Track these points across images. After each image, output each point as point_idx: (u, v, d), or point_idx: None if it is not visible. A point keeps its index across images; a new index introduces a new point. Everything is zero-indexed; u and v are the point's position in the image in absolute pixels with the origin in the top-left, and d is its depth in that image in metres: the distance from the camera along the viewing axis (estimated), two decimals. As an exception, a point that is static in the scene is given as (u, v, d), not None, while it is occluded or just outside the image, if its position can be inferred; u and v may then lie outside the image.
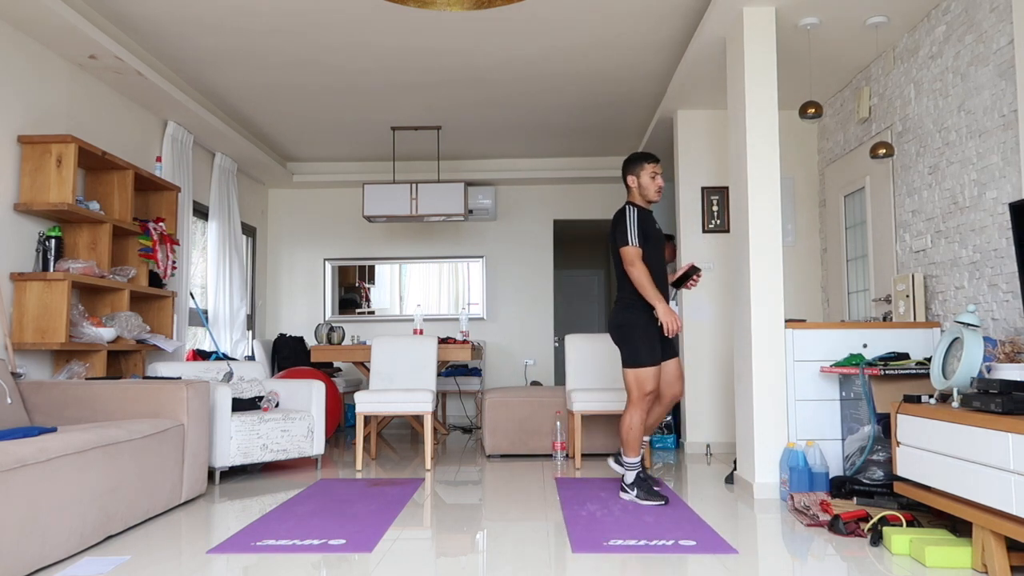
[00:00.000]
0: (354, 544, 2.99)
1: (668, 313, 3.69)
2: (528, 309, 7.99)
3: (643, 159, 3.86)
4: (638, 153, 3.89)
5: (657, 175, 3.83)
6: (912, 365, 3.51)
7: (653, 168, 3.84)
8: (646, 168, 3.84)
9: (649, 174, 3.83)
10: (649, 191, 3.84)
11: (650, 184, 3.84)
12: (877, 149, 4.35)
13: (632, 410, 3.76)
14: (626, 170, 3.90)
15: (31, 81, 4.22)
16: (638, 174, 3.85)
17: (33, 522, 2.58)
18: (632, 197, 3.90)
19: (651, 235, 3.83)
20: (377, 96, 5.79)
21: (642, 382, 3.71)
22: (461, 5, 3.83)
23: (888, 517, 3.06)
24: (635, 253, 3.74)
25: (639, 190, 3.86)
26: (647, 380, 3.71)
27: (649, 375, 3.71)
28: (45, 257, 4.23)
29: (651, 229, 3.84)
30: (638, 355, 3.72)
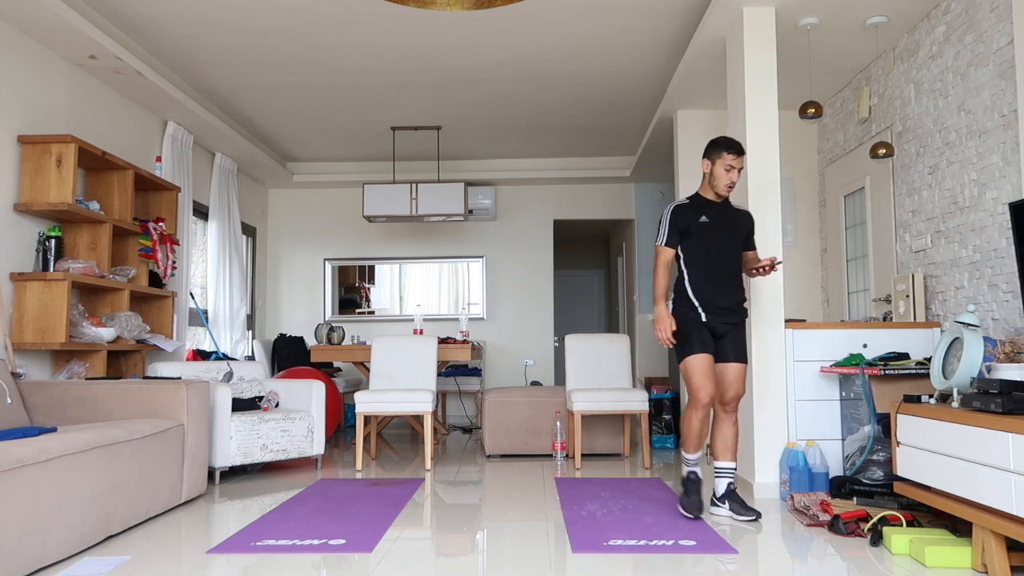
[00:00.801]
0: (354, 544, 2.99)
1: (661, 319, 3.45)
2: (528, 309, 7.98)
3: (723, 146, 3.44)
4: (723, 138, 3.47)
5: (733, 168, 3.43)
6: (912, 365, 3.51)
7: (731, 160, 3.42)
8: (724, 157, 3.43)
9: (725, 164, 3.43)
10: (719, 183, 3.46)
11: (722, 176, 3.45)
12: (877, 149, 4.35)
13: (688, 408, 3.48)
14: (705, 152, 3.52)
15: (31, 81, 4.22)
16: (714, 160, 3.46)
17: (33, 522, 2.58)
18: (702, 184, 3.55)
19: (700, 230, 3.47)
20: (377, 96, 5.79)
21: (687, 374, 3.43)
22: (461, 5, 3.83)
23: (888, 517, 3.06)
24: (659, 251, 3.50)
25: (709, 178, 3.49)
26: (691, 372, 3.41)
27: (694, 366, 3.41)
28: (45, 257, 4.23)
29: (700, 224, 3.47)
30: (682, 346, 3.46)
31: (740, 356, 3.50)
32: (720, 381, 3.48)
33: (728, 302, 3.48)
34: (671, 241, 3.49)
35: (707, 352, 3.42)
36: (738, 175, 3.45)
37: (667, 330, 3.43)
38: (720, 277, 3.49)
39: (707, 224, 3.48)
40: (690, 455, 3.51)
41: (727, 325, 3.49)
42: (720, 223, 3.51)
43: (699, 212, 3.50)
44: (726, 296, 3.48)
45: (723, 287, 3.48)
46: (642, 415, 4.96)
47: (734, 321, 3.50)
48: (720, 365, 3.49)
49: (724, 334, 3.49)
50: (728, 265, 3.51)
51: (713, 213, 3.51)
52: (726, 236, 3.52)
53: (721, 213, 3.53)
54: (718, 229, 3.50)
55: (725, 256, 3.51)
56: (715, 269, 3.48)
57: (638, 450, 5.60)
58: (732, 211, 3.57)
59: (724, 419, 3.52)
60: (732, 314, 3.49)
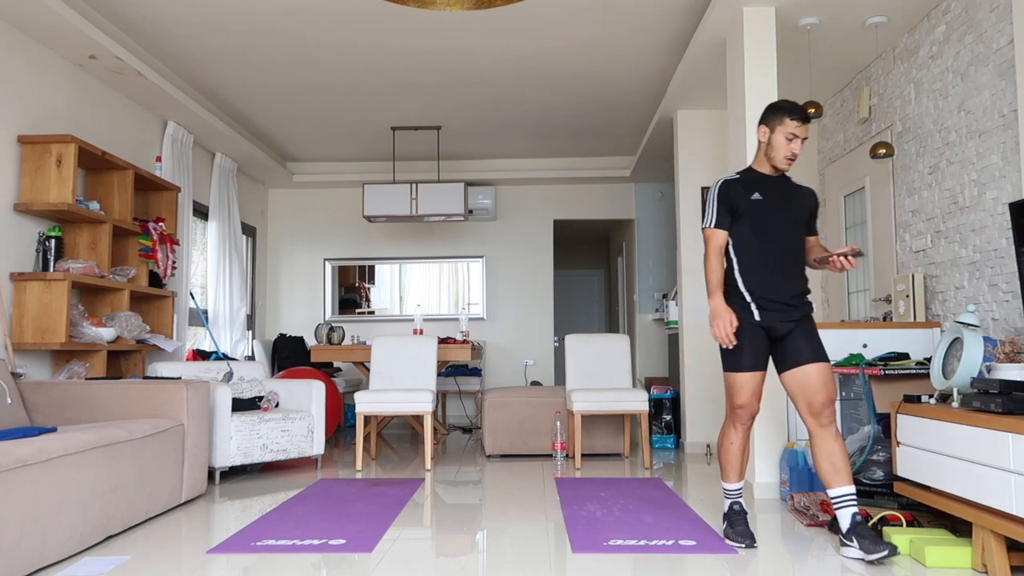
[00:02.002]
0: (354, 544, 2.99)
1: (718, 315, 2.91)
2: (528, 309, 7.98)
3: (787, 111, 2.90)
4: (785, 102, 2.94)
5: (796, 139, 2.89)
6: (912, 365, 3.51)
7: (795, 128, 2.89)
8: (786, 124, 2.89)
9: (787, 133, 2.90)
10: (778, 154, 2.93)
11: (782, 146, 2.91)
12: (877, 149, 4.35)
13: (724, 424, 3.04)
14: (762, 118, 2.99)
15: (31, 81, 4.22)
16: (773, 127, 2.93)
17: (33, 522, 2.58)
18: (756, 155, 3.03)
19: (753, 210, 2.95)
20: (377, 96, 5.79)
21: (729, 390, 2.98)
22: (461, 5, 3.83)
23: (888, 517, 3.06)
24: (708, 235, 2.99)
25: (766, 148, 2.96)
26: (734, 389, 2.95)
27: (737, 383, 2.94)
28: (45, 257, 4.23)
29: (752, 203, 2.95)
30: (728, 356, 2.97)
31: (820, 354, 2.91)
32: (803, 388, 2.89)
33: (786, 295, 2.92)
34: (721, 222, 2.97)
35: (758, 369, 2.93)
36: (801, 147, 2.91)
37: (726, 326, 2.89)
38: (777, 266, 2.94)
39: (760, 203, 2.95)
40: (729, 485, 3.03)
41: (788, 323, 2.92)
42: (777, 202, 2.96)
43: (752, 189, 2.96)
44: (784, 288, 2.92)
45: (781, 278, 2.93)
46: (642, 415, 4.96)
47: (795, 317, 2.93)
48: (797, 370, 2.91)
49: (786, 333, 2.94)
50: (787, 252, 2.96)
51: (769, 190, 2.97)
52: (785, 217, 2.96)
53: (779, 190, 2.98)
54: (775, 209, 2.96)
55: (784, 241, 2.95)
56: (771, 256, 2.94)
57: (638, 450, 5.60)
58: (792, 187, 3.01)
59: (822, 435, 2.88)
60: (792, 309, 2.93)
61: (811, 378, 2.88)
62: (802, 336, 2.92)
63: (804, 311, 2.95)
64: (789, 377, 2.93)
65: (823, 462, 2.86)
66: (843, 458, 2.85)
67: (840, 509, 2.82)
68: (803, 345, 2.91)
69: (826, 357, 2.91)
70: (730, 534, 2.97)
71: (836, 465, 2.85)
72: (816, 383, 2.88)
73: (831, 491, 2.85)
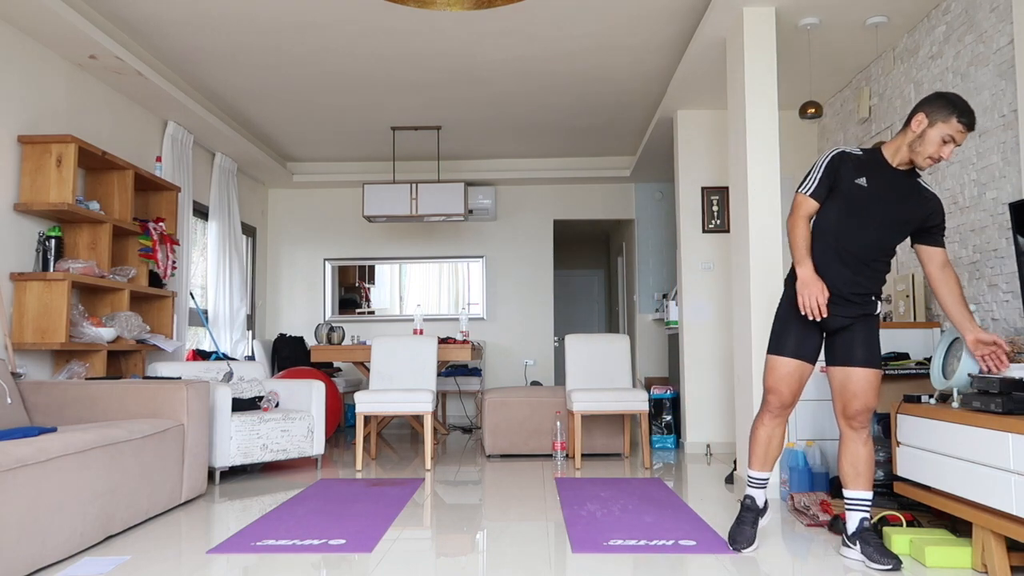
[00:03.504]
0: (354, 544, 2.99)
1: (806, 284, 2.70)
2: (528, 309, 7.98)
3: (957, 110, 2.60)
4: (957, 98, 2.62)
5: (952, 143, 2.61)
6: (912, 365, 3.51)
7: (959, 131, 2.60)
8: (951, 124, 2.60)
9: (946, 133, 2.61)
10: (925, 150, 2.64)
11: (934, 144, 2.63)
12: (877, 149, 4.34)
13: (759, 412, 2.93)
14: (924, 104, 2.66)
15: (31, 81, 4.22)
16: (935, 121, 2.62)
17: (33, 522, 2.58)
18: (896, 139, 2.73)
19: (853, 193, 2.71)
20: (377, 96, 5.79)
21: (765, 370, 2.87)
22: (461, 5, 3.83)
23: (888, 517, 3.06)
24: (799, 201, 2.78)
25: (915, 141, 2.66)
26: (767, 370, 2.85)
27: (771, 365, 2.83)
28: (45, 257, 4.23)
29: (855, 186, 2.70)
30: (772, 336, 2.86)
31: (869, 359, 2.75)
32: (842, 389, 2.78)
33: (850, 289, 2.73)
34: (818, 192, 2.75)
35: (800, 358, 2.79)
36: (950, 154, 2.64)
37: (818, 295, 2.68)
38: (850, 258, 2.73)
39: (863, 190, 2.70)
40: (752, 472, 2.91)
41: (845, 318, 2.75)
42: (883, 195, 2.70)
43: (864, 171, 2.71)
44: (848, 282, 2.73)
45: (850, 272, 2.73)
46: (642, 415, 4.96)
47: (854, 315, 2.75)
48: (841, 369, 2.78)
49: (841, 328, 2.78)
50: (868, 249, 2.72)
51: (882, 180, 2.71)
52: (884, 214, 2.70)
53: (894, 184, 2.71)
54: (876, 201, 2.70)
55: (870, 237, 2.72)
56: (847, 247, 2.73)
57: (638, 450, 5.60)
58: (913, 188, 2.72)
59: (851, 437, 2.80)
60: (852, 305, 2.74)
61: (852, 382, 2.76)
62: (859, 336, 2.76)
63: (865, 310, 2.76)
64: (833, 373, 2.82)
65: (846, 463, 2.81)
66: (867, 464, 2.78)
67: (851, 511, 2.79)
68: (856, 346, 2.76)
69: (877, 364, 2.76)
70: (731, 530, 2.92)
71: (858, 469, 2.78)
72: (856, 388, 2.75)
73: (847, 491, 2.81)
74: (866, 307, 2.77)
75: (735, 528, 2.90)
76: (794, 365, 2.79)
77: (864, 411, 2.77)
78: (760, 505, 2.90)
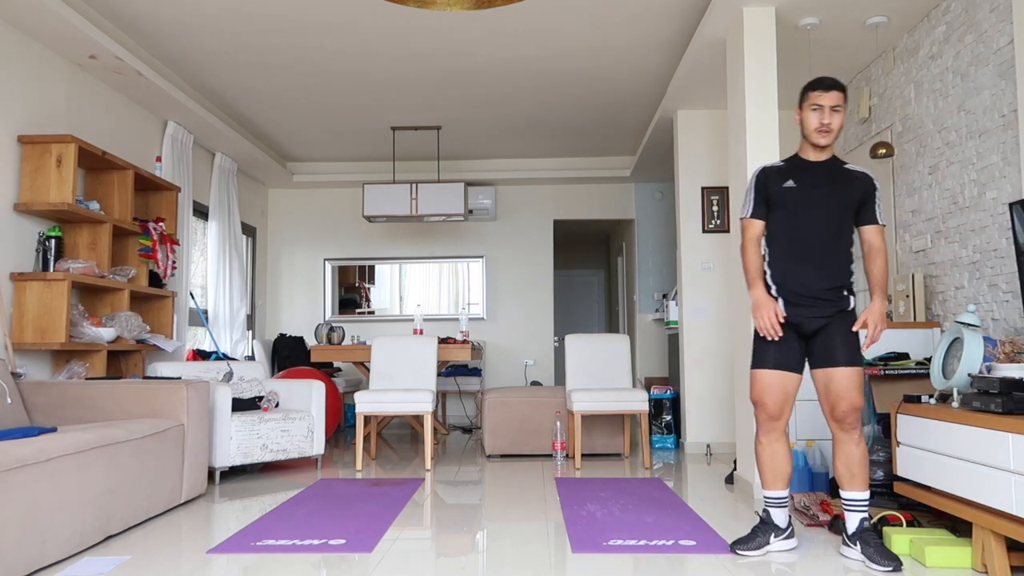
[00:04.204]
0: (354, 544, 2.99)
1: (759, 306, 2.80)
2: (528, 309, 7.98)
3: (808, 87, 2.83)
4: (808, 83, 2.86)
5: (822, 108, 2.77)
6: (912, 365, 3.51)
7: (815, 98, 2.78)
8: (808, 97, 2.81)
9: (811, 105, 2.79)
10: (808, 129, 2.82)
11: (810, 119, 2.80)
12: (877, 149, 4.35)
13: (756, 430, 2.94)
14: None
15: (31, 81, 4.22)
16: (801, 107, 2.84)
17: (33, 522, 2.58)
18: (802, 144, 2.91)
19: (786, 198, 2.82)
20: (377, 96, 5.79)
21: (750, 385, 2.94)
22: (461, 5, 3.83)
23: (888, 517, 3.06)
24: (744, 225, 2.91)
25: (802, 131, 2.87)
26: (752, 385, 2.88)
27: (754, 379, 2.85)
28: (45, 257, 4.23)
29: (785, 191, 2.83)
30: (754, 351, 2.89)
31: (848, 357, 2.75)
32: (827, 391, 2.78)
33: (813, 288, 2.76)
34: (757, 212, 2.88)
35: (784, 368, 2.81)
36: (831, 115, 2.77)
37: (770, 316, 2.77)
38: (808, 257, 2.78)
39: (793, 191, 2.82)
40: (766, 493, 2.89)
41: (819, 319, 2.77)
42: (814, 188, 2.81)
43: (788, 176, 2.86)
44: (815, 281, 2.76)
45: (811, 270, 2.77)
46: (642, 415, 4.96)
47: (827, 313, 2.77)
48: (823, 371, 2.79)
49: (816, 331, 2.80)
50: (822, 242, 2.78)
51: (807, 176, 2.83)
52: (821, 205, 2.79)
53: (820, 176, 2.83)
54: (809, 196, 2.81)
55: (818, 230, 2.78)
56: (799, 246, 2.80)
57: (638, 450, 5.60)
58: (840, 173, 2.83)
59: (843, 439, 2.79)
60: (826, 303, 2.76)
61: (835, 383, 2.75)
62: (837, 336, 2.76)
63: (838, 307, 2.77)
64: (816, 376, 2.82)
65: (840, 465, 2.80)
66: (861, 464, 2.77)
67: (850, 512, 2.78)
68: (835, 346, 2.76)
69: (858, 362, 2.75)
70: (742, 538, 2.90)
71: (852, 470, 2.77)
72: (839, 389, 2.75)
73: (844, 493, 2.80)
74: (839, 303, 2.78)
75: (746, 537, 2.87)
76: (776, 376, 2.82)
77: (851, 411, 2.75)
78: (778, 523, 2.85)
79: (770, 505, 2.88)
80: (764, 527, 2.87)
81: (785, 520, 2.88)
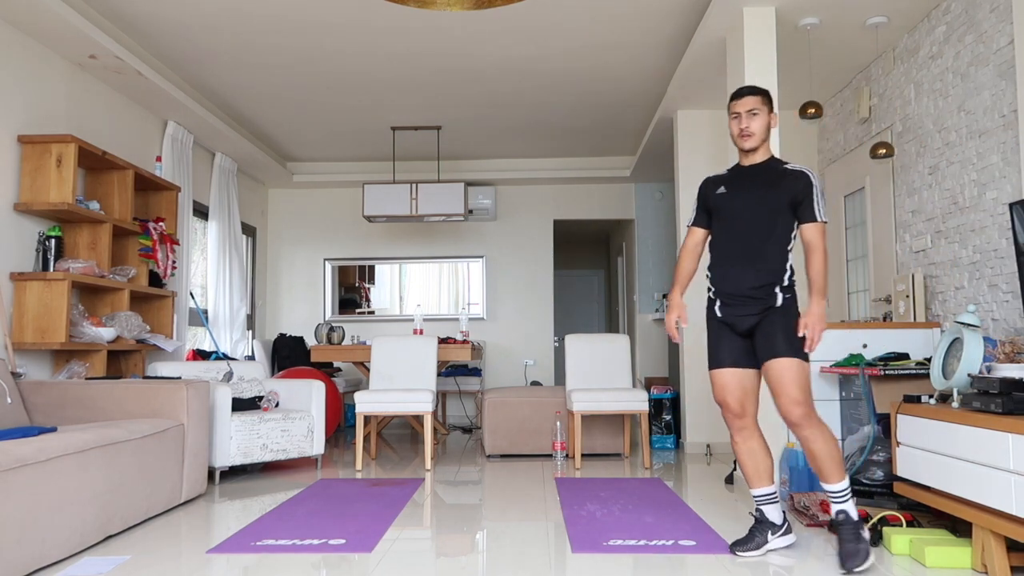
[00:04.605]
0: (354, 544, 2.99)
1: (669, 309, 3.01)
2: (528, 309, 7.98)
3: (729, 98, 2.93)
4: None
5: (739, 115, 2.85)
6: (912, 365, 3.51)
7: (733, 107, 2.88)
8: (729, 108, 2.91)
9: (731, 116, 2.90)
10: (732, 137, 2.92)
11: (731, 128, 2.90)
12: (877, 149, 4.35)
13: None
14: None
15: (31, 81, 4.22)
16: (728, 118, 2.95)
17: (33, 522, 2.58)
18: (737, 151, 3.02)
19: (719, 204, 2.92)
20: (377, 96, 5.79)
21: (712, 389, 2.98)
22: (461, 5, 3.83)
23: (888, 517, 3.06)
24: (687, 233, 3.06)
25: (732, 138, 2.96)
26: (712, 387, 2.95)
27: (712, 380, 2.94)
28: (45, 257, 4.23)
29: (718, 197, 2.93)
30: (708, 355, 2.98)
31: (776, 349, 2.73)
32: (769, 387, 2.78)
33: (743, 288, 2.81)
34: (698, 220, 3.01)
35: (736, 365, 2.85)
36: (749, 119, 2.83)
37: (670, 319, 2.99)
38: (738, 258, 2.84)
39: (725, 196, 2.91)
40: (752, 491, 2.91)
41: (748, 317, 2.81)
42: (743, 191, 2.87)
43: (723, 183, 2.95)
44: (744, 281, 2.81)
45: (737, 269, 2.83)
46: (642, 415, 4.96)
47: (755, 311, 2.80)
48: (764, 367, 2.79)
49: (751, 328, 2.82)
50: (751, 242, 2.83)
51: (739, 181, 2.91)
52: (750, 207, 2.85)
53: (752, 179, 2.88)
54: (739, 199, 2.87)
55: (747, 231, 2.84)
56: (732, 248, 2.87)
57: (638, 450, 5.60)
58: (774, 174, 2.85)
59: (800, 437, 2.75)
60: (755, 301, 2.80)
61: (770, 378, 2.75)
62: (766, 331, 2.77)
63: (766, 304, 2.78)
64: (763, 373, 2.81)
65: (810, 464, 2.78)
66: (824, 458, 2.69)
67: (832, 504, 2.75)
68: (765, 341, 2.77)
69: (787, 353, 2.71)
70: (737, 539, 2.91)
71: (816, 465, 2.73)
72: (773, 384, 2.74)
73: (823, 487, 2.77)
74: (767, 300, 2.79)
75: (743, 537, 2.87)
76: (731, 374, 2.86)
77: (790, 406, 2.70)
78: (772, 519, 2.85)
79: (761, 503, 2.88)
80: (760, 526, 2.86)
81: (780, 516, 2.87)
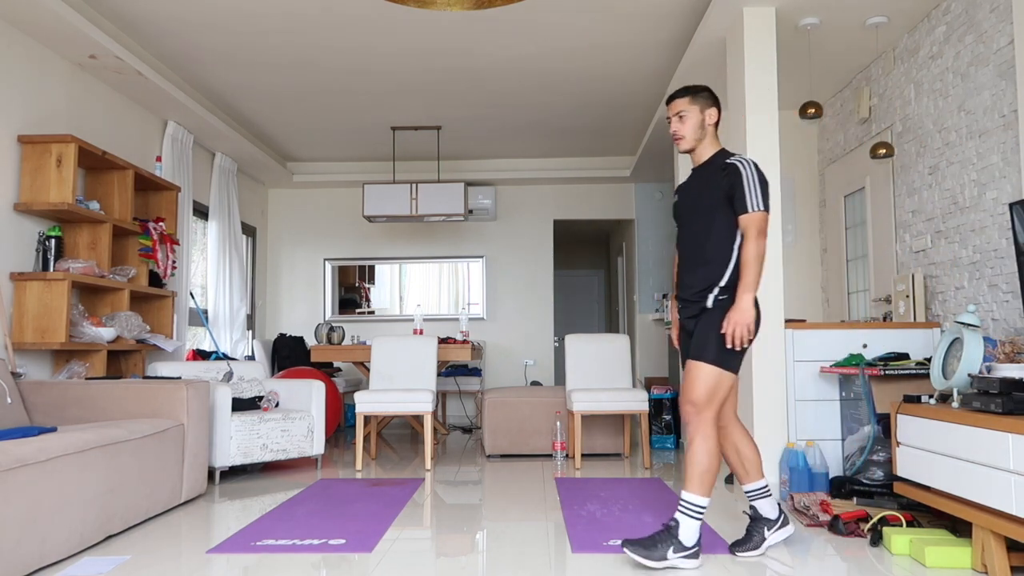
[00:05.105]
0: (354, 544, 2.99)
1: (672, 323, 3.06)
2: (528, 309, 7.98)
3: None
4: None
5: (670, 119, 2.88)
6: (912, 365, 3.51)
7: (666, 112, 2.92)
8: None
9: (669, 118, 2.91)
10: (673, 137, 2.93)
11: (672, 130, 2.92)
12: (877, 149, 4.35)
13: None
14: None
15: (31, 81, 4.22)
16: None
17: (33, 522, 2.58)
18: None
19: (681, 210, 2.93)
20: (377, 96, 5.79)
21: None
22: (461, 5, 3.83)
23: (888, 517, 3.06)
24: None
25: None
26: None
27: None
28: (45, 257, 4.23)
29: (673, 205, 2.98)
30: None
31: (694, 352, 2.74)
32: None
33: (692, 288, 2.81)
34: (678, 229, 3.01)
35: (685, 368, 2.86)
36: (678, 122, 2.83)
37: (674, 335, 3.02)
38: (684, 260, 2.87)
39: (678, 201, 2.96)
40: (742, 486, 2.92)
41: (691, 318, 2.84)
42: (691, 191, 2.89)
43: (680, 188, 3.00)
44: (687, 283, 2.84)
45: (687, 273, 2.85)
46: (642, 415, 4.96)
47: (694, 313, 2.81)
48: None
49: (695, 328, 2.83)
50: (693, 243, 2.83)
51: (688, 182, 2.93)
52: (693, 206, 2.85)
53: (695, 179, 2.88)
54: (687, 199, 2.90)
55: (690, 233, 2.85)
56: (682, 251, 2.90)
57: (638, 450, 5.60)
58: (712, 170, 2.81)
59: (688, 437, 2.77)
60: (693, 304, 2.81)
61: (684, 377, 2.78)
62: (695, 332, 2.77)
63: (700, 305, 2.76)
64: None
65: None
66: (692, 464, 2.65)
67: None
68: (691, 343, 2.79)
69: (700, 357, 2.70)
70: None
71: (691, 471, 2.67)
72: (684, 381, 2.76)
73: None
74: (702, 302, 2.77)
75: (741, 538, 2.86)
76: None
77: (683, 403, 2.72)
78: (766, 515, 2.83)
79: (753, 498, 2.86)
80: (756, 524, 2.85)
81: (774, 510, 2.86)
